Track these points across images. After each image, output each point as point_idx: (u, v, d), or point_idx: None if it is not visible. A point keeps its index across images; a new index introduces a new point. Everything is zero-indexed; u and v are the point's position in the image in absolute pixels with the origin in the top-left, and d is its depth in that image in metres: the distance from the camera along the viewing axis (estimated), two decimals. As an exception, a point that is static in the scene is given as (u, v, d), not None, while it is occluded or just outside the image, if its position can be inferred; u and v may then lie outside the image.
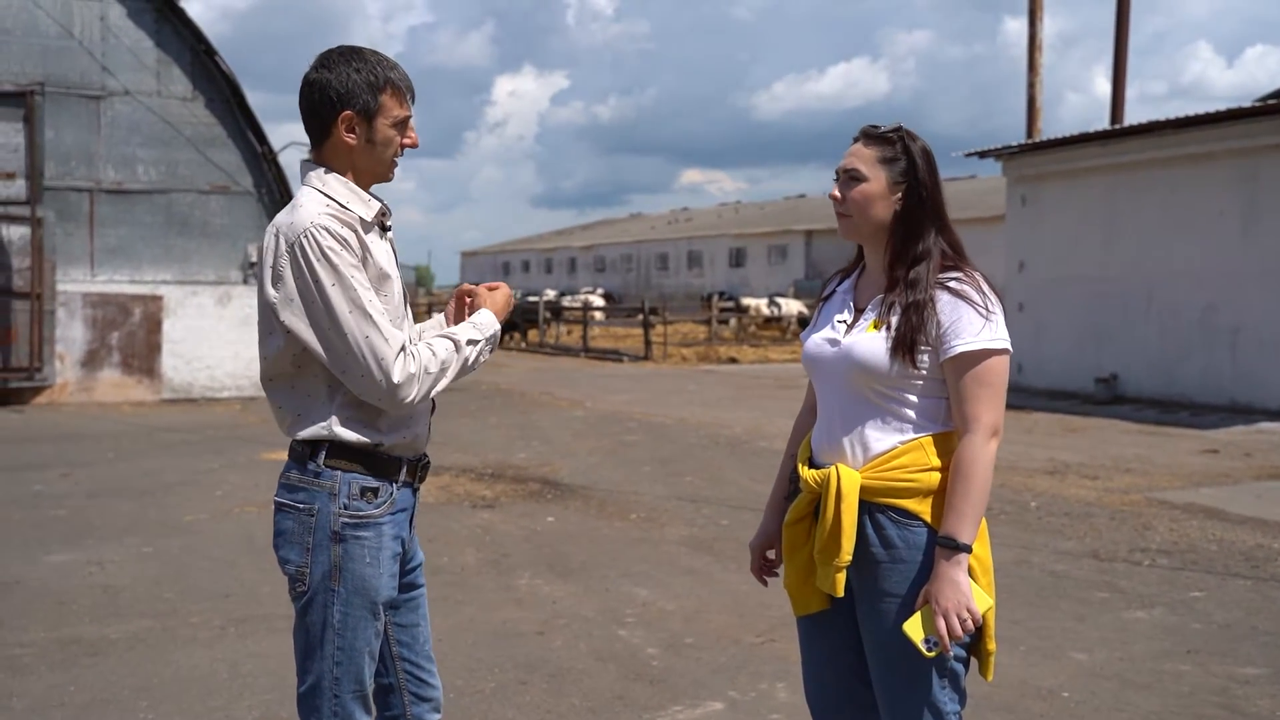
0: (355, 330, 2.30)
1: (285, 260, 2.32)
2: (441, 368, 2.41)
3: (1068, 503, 8.20)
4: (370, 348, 2.31)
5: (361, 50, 2.44)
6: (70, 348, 15.10)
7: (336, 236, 2.32)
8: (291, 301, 2.32)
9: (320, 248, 2.30)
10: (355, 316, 2.30)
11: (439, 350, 2.42)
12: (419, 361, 2.36)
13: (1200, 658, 4.74)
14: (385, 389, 2.32)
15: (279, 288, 2.33)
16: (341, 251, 2.31)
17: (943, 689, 2.36)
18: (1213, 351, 14.82)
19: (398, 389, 2.33)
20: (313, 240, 2.30)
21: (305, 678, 2.41)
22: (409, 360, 2.35)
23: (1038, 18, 19.03)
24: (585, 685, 4.43)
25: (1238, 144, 14.39)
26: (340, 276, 2.30)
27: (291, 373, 2.41)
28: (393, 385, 2.32)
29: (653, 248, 61.93)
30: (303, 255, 2.30)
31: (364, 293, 2.32)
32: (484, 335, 2.53)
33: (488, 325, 2.56)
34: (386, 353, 2.31)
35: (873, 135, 2.51)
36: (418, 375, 2.35)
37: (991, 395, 2.37)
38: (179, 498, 8.32)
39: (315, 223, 2.32)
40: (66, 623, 5.22)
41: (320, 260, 2.30)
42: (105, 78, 15.31)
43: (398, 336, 2.35)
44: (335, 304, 2.30)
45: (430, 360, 2.39)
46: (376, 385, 2.32)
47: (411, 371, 2.34)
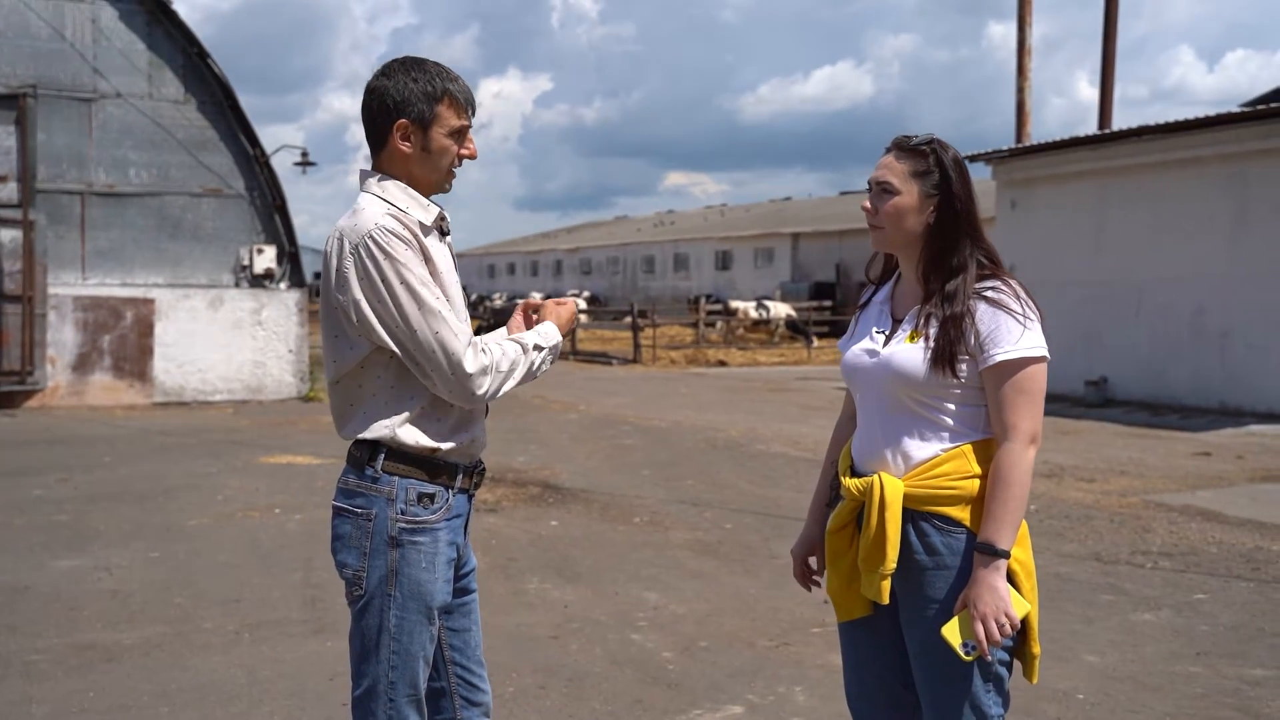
0: (424, 326, 2.34)
1: (350, 262, 2.36)
2: (511, 366, 2.46)
3: (1066, 506, 8.26)
4: (441, 343, 2.35)
5: (423, 61, 2.48)
6: (61, 351, 15.04)
7: (400, 237, 2.36)
8: (359, 303, 2.36)
9: (384, 248, 2.34)
10: (424, 313, 2.35)
11: (508, 350, 2.47)
12: (491, 356, 2.42)
13: (1210, 659, 4.80)
14: (458, 381, 2.37)
15: (345, 290, 2.37)
16: (406, 250, 2.35)
17: (987, 693, 2.40)
18: (1202, 354, 14.94)
19: (470, 379, 2.37)
20: (376, 241, 2.34)
21: (361, 681, 2.43)
22: (480, 354, 2.40)
23: (1027, 22, 19.13)
24: (604, 689, 4.45)
25: (1226, 149, 14.53)
26: (405, 275, 2.34)
27: (357, 374, 2.44)
28: (466, 375, 2.36)
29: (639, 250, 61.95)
30: (369, 256, 2.34)
31: (429, 290, 2.37)
32: (548, 344, 2.57)
33: (551, 335, 2.60)
34: (457, 346, 2.36)
35: (905, 148, 2.54)
36: (490, 368, 2.41)
37: (1030, 402, 2.40)
38: (180, 502, 8.31)
39: (379, 224, 2.36)
40: (79, 629, 5.21)
41: (386, 260, 2.34)
42: (97, 80, 15.26)
43: (466, 331, 2.40)
44: (403, 302, 2.34)
45: (501, 358, 2.44)
46: (449, 379, 2.37)
47: (485, 363, 2.40)
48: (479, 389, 2.39)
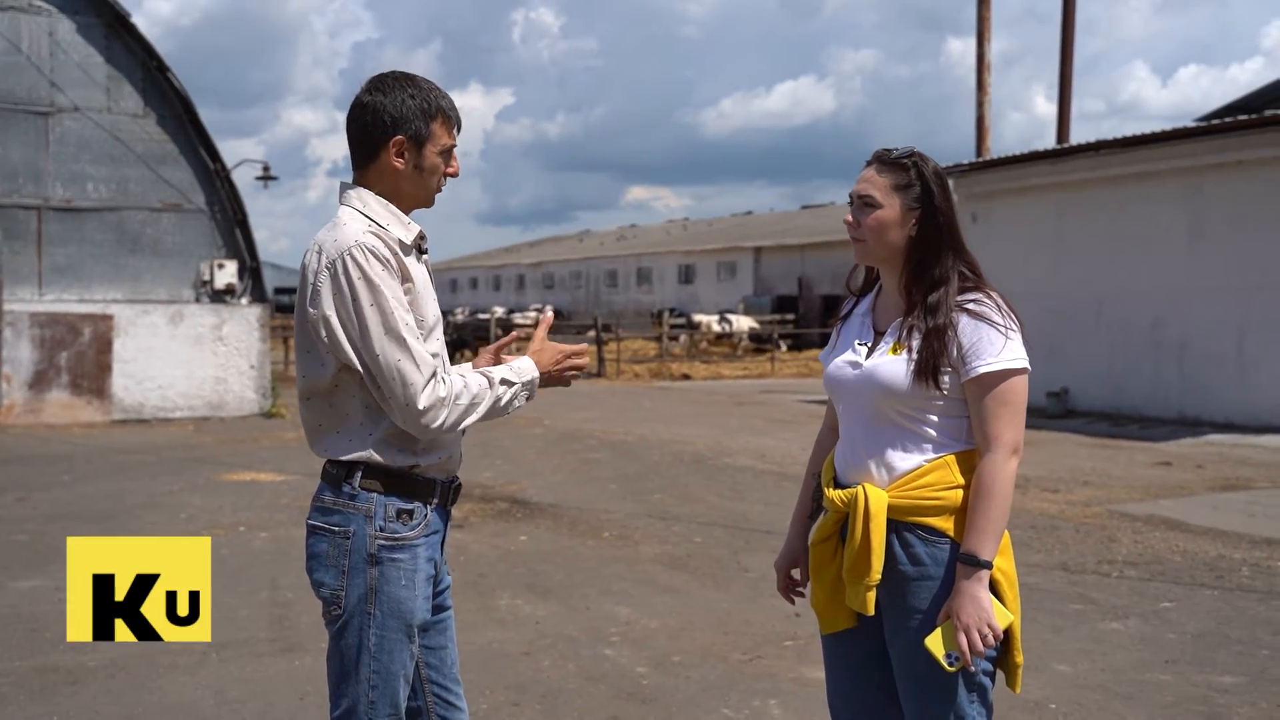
0: (387, 352, 2.31)
1: (325, 277, 2.33)
2: (472, 401, 2.41)
3: (1032, 516, 8.32)
4: (400, 371, 2.31)
5: (415, 77, 2.45)
6: (17, 369, 14.80)
7: (379, 256, 2.33)
8: (329, 319, 2.33)
9: (361, 267, 2.31)
10: (389, 338, 2.31)
11: (471, 383, 2.42)
12: (449, 389, 2.37)
13: (1179, 667, 4.84)
14: (411, 412, 2.32)
15: (317, 305, 2.34)
16: (382, 272, 2.32)
17: (971, 703, 2.40)
18: (1161, 365, 15.14)
19: (422, 414, 2.33)
20: (354, 259, 2.31)
21: (340, 702, 2.39)
22: (438, 386, 2.35)
23: (986, 39, 19.35)
24: (578, 705, 4.42)
25: (1182, 163, 14.76)
26: (378, 297, 2.31)
27: (331, 392, 2.41)
28: (417, 410, 2.32)
29: (602, 264, 62.00)
30: (344, 273, 2.31)
31: (400, 314, 2.33)
32: (519, 380, 2.51)
33: (525, 371, 2.54)
34: (416, 378, 2.32)
35: (886, 161, 2.55)
36: (446, 401, 2.35)
37: (1012, 414, 2.42)
38: (142, 521, 8.18)
39: (359, 241, 2.33)
40: (41, 650, 5.11)
41: (360, 279, 2.31)
42: (54, 94, 15.07)
43: (429, 362, 2.35)
44: (370, 324, 2.31)
45: (461, 391, 2.39)
46: (404, 408, 2.33)
47: (440, 396, 2.34)
48: (432, 422, 2.35)
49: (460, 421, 2.39)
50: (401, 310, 2.34)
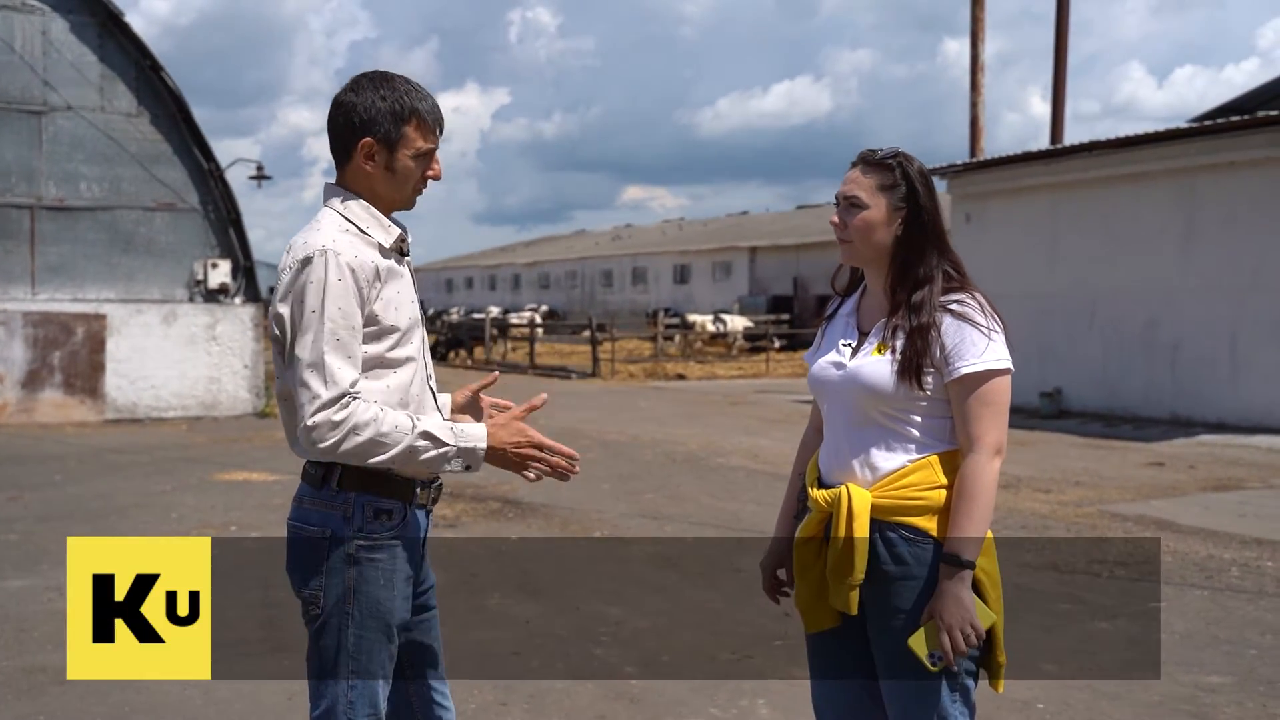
0: (306, 357, 2.27)
1: (287, 276, 2.32)
2: (376, 436, 2.27)
3: (1024, 516, 8.34)
4: (308, 380, 2.26)
5: (393, 78, 2.42)
6: (10, 368, 14.78)
7: (341, 266, 2.30)
8: (282, 317, 2.33)
9: (320, 270, 2.29)
10: (313, 347, 2.27)
11: (389, 419, 2.29)
12: (351, 416, 2.26)
13: (1167, 667, 4.85)
14: (303, 425, 2.27)
15: (278, 301, 2.34)
16: (337, 282, 2.29)
17: (954, 703, 2.41)
18: (1154, 366, 15.17)
19: (309, 429, 2.26)
20: (314, 263, 2.29)
21: (320, 702, 2.39)
22: (339, 410, 2.26)
23: (980, 39, 19.38)
24: (565, 705, 4.42)
25: (1175, 163, 14.79)
26: (324, 305, 2.28)
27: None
28: (306, 424, 2.26)
29: (597, 264, 61.98)
30: (303, 272, 2.30)
31: (335, 328, 2.28)
32: (455, 443, 2.35)
33: (469, 437, 2.37)
34: (319, 392, 2.25)
35: (871, 161, 2.55)
36: (341, 427, 2.25)
37: (994, 414, 2.42)
38: (133, 521, 8.18)
39: (327, 246, 2.31)
40: (29, 650, 5.11)
41: (313, 283, 2.29)
42: (47, 92, 15.05)
43: (341, 384, 2.26)
44: (305, 328, 2.28)
45: (366, 423, 2.27)
46: (300, 416, 2.28)
47: (335, 420, 2.25)
48: (317, 441, 2.26)
49: (357, 454, 2.28)
50: (340, 324, 2.29)
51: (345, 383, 2.27)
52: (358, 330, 2.32)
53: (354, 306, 2.31)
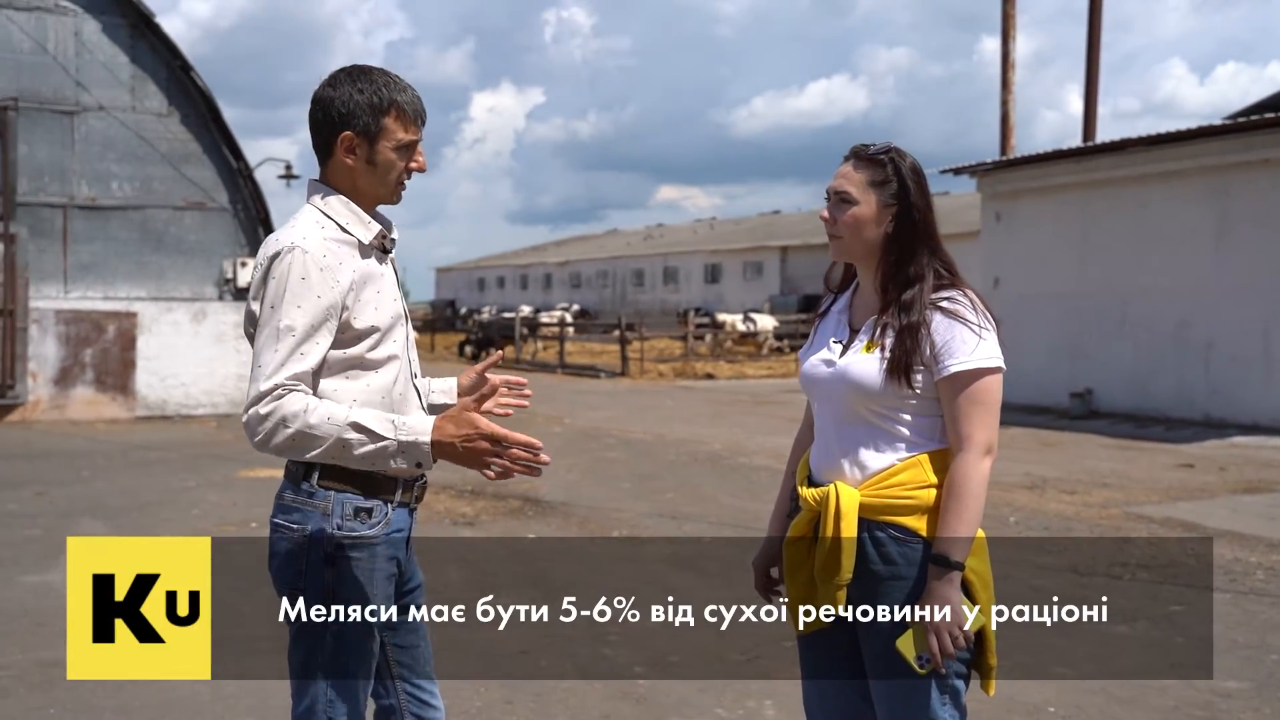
0: (257, 354, 2.27)
1: (259, 272, 2.32)
2: (304, 428, 2.21)
3: (1046, 517, 8.24)
4: (253, 376, 2.25)
5: (370, 70, 2.40)
6: (43, 365, 14.95)
7: (306, 265, 2.29)
8: (252, 312, 2.33)
9: (284, 269, 2.27)
10: (262, 342, 2.26)
11: (319, 410, 2.22)
12: (279, 409, 2.22)
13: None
14: (243, 414, 2.27)
15: (250, 300, 2.34)
16: (300, 280, 2.27)
17: (943, 705, 2.37)
18: (1186, 366, 14.96)
19: (246, 426, 2.25)
20: (281, 258, 2.28)
21: (300, 700, 2.39)
22: (267, 402, 2.22)
23: (1010, 36, 19.22)
24: (571, 704, 4.42)
25: (1209, 161, 14.57)
26: (282, 301, 2.26)
27: None
28: (242, 416, 2.27)
29: (628, 264, 62.01)
30: (271, 268, 2.29)
31: (290, 322, 2.26)
32: (394, 436, 2.21)
33: (411, 430, 2.22)
34: (256, 386, 2.23)
35: (863, 157, 2.52)
36: (269, 418, 2.21)
37: (985, 413, 2.39)
38: (155, 517, 8.24)
39: (297, 244, 2.30)
40: (44, 644, 5.15)
41: (275, 279, 2.27)
42: (80, 93, 15.21)
43: (279, 376, 2.23)
44: (262, 324, 2.28)
45: (294, 414, 2.21)
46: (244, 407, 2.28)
47: (262, 413, 2.21)
48: (251, 435, 2.24)
49: (291, 448, 2.23)
50: (295, 319, 2.26)
51: (280, 376, 2.23)
52: (316, 328, 2.28)
53: (314, 304, 2.27)
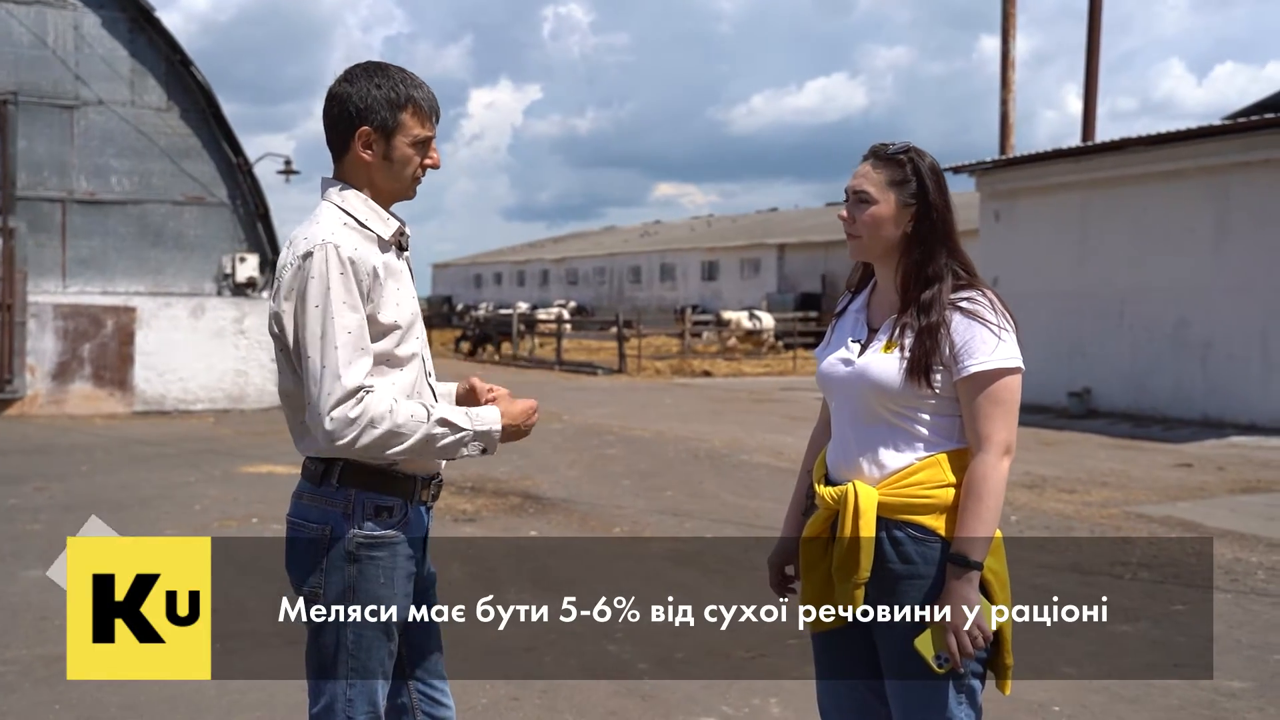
0: (318, 355, 2.25)
1: (288, 273, 2.31)
2: (395, 428, 2.27)
3: (1047, 516, 8.26)
4: (322, 378, 2.25)
5: (387, 66, 2.41)
6: (41, 360, 14.93)
7: (343, 259, 2.28)
8: (282, 314, 2.31)
9: (322, 266, 2.27)
10: (323, 343, 2.25)
11: (404, 409, 2.29)
12: (366, 410, 2.25)
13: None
14: (319, 424, 2.25)
15: (277, 298, 2.33)
16: (339, 276, 2.27)
17: (959, 704, 2.38)
18: (1184, 366, 14.99)
19: (329, 431, 2.25)
20: (315, 257, 2.28)
21: (318, 699, 2.39)
22: (353, 405, 2.24)
23: (1010, 35, 19.23)
24: (577, 701, 4.42)
25: (1208, 161, 14.59)
26: (328, 300, 2.26)
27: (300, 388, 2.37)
28: (323, 425, 2.25)
29: (625, 261, 61.96)
30: (304, 268, 2.28)
31: (344, 320, 2.26)
32: (471, 426, 2.36)
33: (482, 420, 2.38)
34: (334, 389, 2.23)
35: (882, 156, 2.52)
36: (357, 421, 2.24)
37: (1004, 414, 2.40)
38: (156, 512, 8.24)
39: (327, 240, 2.30)
40: (49, 639, 5.15)
41: (316, 278, 2.27)
42: (79, 87, 15.19)
43: (356, 376, 2.25)
44: (310, 324, 2.26)
45: (383, 415, 2.26)
46: (315, 416, 2.26)
47: (351, 416, 2.23)
48: (337, 438, 2.25)
49: (376, 447, 2.27)
50: (346, 318, 2.27)
51: (359, 377, 2.26)
52: (364, 323, 2.30)
53: (358, 300, 2.29)
